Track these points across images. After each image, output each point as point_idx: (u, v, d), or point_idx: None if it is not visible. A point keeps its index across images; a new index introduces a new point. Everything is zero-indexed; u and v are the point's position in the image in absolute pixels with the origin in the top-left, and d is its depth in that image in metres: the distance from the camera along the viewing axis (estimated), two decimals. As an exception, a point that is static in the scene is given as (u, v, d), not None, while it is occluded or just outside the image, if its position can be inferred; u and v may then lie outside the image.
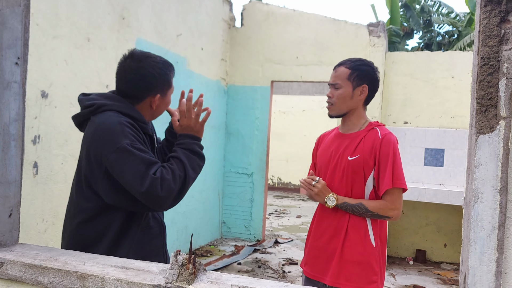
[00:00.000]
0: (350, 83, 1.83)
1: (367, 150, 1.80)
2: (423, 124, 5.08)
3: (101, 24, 3.18)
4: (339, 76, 1.85)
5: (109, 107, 1.49)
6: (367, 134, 1.83)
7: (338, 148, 1.88)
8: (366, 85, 1.85)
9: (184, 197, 1.79)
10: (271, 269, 4.52)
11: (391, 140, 1.80)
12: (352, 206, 1.80)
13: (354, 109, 1.87)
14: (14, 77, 1.37)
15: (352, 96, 1.84)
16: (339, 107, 1.86)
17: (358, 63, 1.85)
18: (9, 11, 1.34)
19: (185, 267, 1.12)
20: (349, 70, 1.84)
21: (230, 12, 5.71)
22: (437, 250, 5.12)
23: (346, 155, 1.84)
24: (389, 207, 1.77)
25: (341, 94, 1.84)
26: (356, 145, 1.83)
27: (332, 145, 1.92)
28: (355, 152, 1.82)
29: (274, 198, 9.78)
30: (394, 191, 1.77)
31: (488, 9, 0.94)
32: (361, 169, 1.80)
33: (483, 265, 0.91)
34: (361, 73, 1.84)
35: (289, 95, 10.99)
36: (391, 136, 1.81)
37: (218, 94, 5.48)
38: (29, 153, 2.55)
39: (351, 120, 1.89)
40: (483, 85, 0.94)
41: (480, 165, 0.93)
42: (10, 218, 1.37)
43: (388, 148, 1.77)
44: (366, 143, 1.81)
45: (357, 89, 1.84)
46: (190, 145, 1.52)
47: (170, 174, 1.40)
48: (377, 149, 1.78)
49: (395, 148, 1.79)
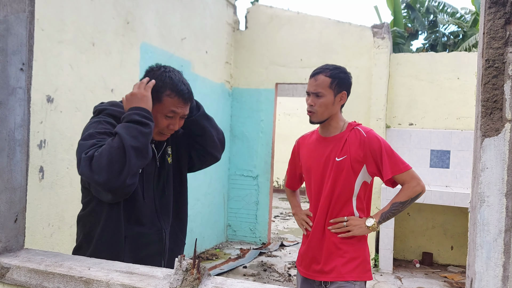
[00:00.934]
0: (331, 91, 1.92)
1: (354, 149, 1.91)
2: (428, 125, 5.05)
3: (106, 28, 3.19)
4: (321, 85, 1.93)
5: (107, 111, 1.55)
6: (350, 134, 1.94)
7: (324, 151, 1.97)
8: (345, 91, 1.96)
9: (189, 200, 1.79)
10: (277, 272, 4.51)
11: (376, 135, 1.93)
12: (389, 211, 1.91)
13: (334, 114, 1.97)
14: (19, 83, 1.38)
15: (333, 103, 1.94)
16: (321, 114, 1.94)
17: (336, 71, 1.94)
18: (14, 18, 1.35)
19: (190, 272, 1.12)
20: (330, 78, 1.92)
21: (234, 15, 5.72)
22: (443, 253, 5.09)
23: (333, 157, 1.93)
24: (413, 186, 1.88)
25: (323, 103, 1.92)
26: (342, 146, 1.93)
27: (317, 149, 2.01)
28: (342, 153, 1.92)
29: (279, 201, 9.77)
30: (406, 173, 1.89)
31: (492, 11, 0.93)
32: (349, 168, 1.90)
33: (489, 269, 0.90)
34: (340, 81, 1.94)
35: (294, 97, 10.97)
36: (374, 132, 1.95)
37: (222, 97, 5.48)
38: (35, 158, 2.56)
39: (331, 125, 1.99)
40: (488, 88, 0.93)
41: (486, 169, 0.92)
42: (16, 223, 1.37)
43: (376, 142, 1.89)
44: (351, 142, 1.92)
45: (337, 96, 1.94)
46: (129, 116, 1.43)
47: (98, 151, 1.34)
48: (367, 147, 1.89)
49: (383, 141, 1.91)
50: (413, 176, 1.90)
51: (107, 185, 1.32)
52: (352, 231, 1.90)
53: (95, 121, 1.50)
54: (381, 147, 1.89)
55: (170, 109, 1.53)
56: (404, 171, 1.89)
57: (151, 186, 1.61)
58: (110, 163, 1.31)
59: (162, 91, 1.53)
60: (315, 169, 2.00)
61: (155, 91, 1.53)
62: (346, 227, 1.91)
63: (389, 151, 1.90)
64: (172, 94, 1.52)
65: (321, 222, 1.97)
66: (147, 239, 1.59)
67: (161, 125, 1.55)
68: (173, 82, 1.53)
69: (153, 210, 1.61)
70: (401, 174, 1.88)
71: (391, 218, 1.94)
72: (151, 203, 1.60)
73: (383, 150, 1.89)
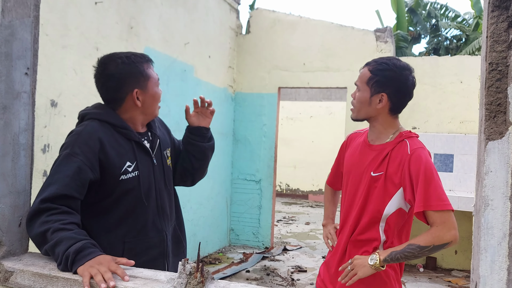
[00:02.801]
0: (368, 88, 1.64)
1: (393, 167, 1.59)
2: (431, 129, 5.04)
3: (109, 33, 3.21)
4: (360, 78, 1.68)
5: (90, 116, 1.53)
6: (395, 148, 1.62)
7: (364, 160, 1.69)
8: (385, 94, 1.62)
9: (192, 204, 1.80)
10: (279, 276, 4.50)
11: (422, 156, 1.56)
12: (402, 252, 1.53)
13: (375, 117, 1.67)
14: (24, 87, 1.39)
15: (369, 103, 1.64)
16: (357, 111, 1.69)
17: (381, 67, 1.62)
18: (19, 23, 1.36)
19: (193, 275, 1.12)
20: (370, 73, 1.64)
21: (237, 20, 5.75)
22: (447, 257, 5.06)
23: (370, 170, 1.65)
24: (441, 233, 1.50)
25: (359, 98, 1.67)
26: (382, 159, 1.63)
27: (360, 154, 1.73)
28: (379, 168, 1.62)
29: (282, 205, 9.75)
30: (439, 214, 1.50)
31: (495, 15, 0.93)
32: (382, 187, 1.60)
33: (494, 273, 0.90)
34: (382, 80, 1.61)
35: (296, 101, 10.99)
36: (421, 152, 1.57)
37: (225, 101, 5.49)
38: (38, 162, 2.57)
39: (376, 128, 1.69)
40: (492, 91, 0.93)
41: (490, 172, 0.92)
42: (20, 227, 1.38)
43: (417, 164, 1.54)
44: (393, 158, 1.61)
45: (375, 97, 1.63)
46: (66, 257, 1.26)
47: (42, 225, 1.31)
48: (406, 168, 1.56)
49: (427, 165, 1.54)
50: (445, 220, 1.49)
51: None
52: (357, 274, 1.56)
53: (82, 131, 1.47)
54: (421, 171, 1.52)
55: (156, 77, 1.59)
56: (436, 209, 1.49)
57: (151, 187, 1.58)
58: (32, 237, 1.35)
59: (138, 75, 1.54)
60: (353, 178, 1.72)
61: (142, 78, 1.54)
62: (352, 270, 1.58)
63: (428, 179, 1.51)
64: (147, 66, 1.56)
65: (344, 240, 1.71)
66: (148, 243, 1.56)
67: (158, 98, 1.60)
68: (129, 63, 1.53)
69: (155, 211, 1.58)
70: (432, 212, 1.50)
71: (402, 261, 1.55)
72: (153, 204, 1.58)
73: (421, 175, 1.51)
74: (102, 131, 1.48)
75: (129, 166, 1.51)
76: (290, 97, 11.06)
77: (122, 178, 1.49)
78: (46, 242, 1.29)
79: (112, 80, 1.52)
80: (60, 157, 1.43)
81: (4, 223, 1.32)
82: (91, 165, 1.42)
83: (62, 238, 1.26)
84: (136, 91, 1.53)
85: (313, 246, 5.99)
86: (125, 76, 1.51)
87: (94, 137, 1.45)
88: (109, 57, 1.55)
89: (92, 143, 1.44)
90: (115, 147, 1.49)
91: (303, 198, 10.77)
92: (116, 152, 1.49)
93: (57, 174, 1.39)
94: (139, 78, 1.54)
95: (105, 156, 1.45)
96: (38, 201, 1.35)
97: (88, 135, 1.45)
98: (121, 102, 1.54)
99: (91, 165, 1.42)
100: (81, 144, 1.43)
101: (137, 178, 1.53)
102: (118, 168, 1.48)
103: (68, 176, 1.38)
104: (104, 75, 1.53)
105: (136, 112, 1.56)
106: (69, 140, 1.46)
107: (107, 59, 1.55)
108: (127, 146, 1.53)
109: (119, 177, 1.49)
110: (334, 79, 5.36)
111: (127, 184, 1.50)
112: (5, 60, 1.31)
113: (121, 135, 1.53)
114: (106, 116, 1.52)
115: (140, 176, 1.54)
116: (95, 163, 1.43)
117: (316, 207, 9.67)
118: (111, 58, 1.54)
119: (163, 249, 1.60)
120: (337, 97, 10.77)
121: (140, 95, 1.54)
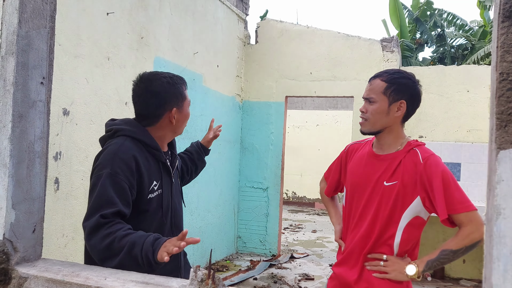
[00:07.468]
0: (386, 98, 1.64)
1: (408, 176, 1.60)
2: (438, 138, 5.03)
3: (120, 43, 3.26)
4: (374, 90, 1.66)
5: (123, 132, 1.53)
6: (406, 156, 1.63)
7: (375, 171, 1.67)
8: (404, 100, 1.64)
9: (200, 211, 1.84)
10: (287, 284, 4.48)
11: (435, 162, 1.58)
12: (437, 259, 1.56)
13: (390, 126, 1.67)
14: (40, 96, 1.41)
15: (388, 113, 1.64)
16: (373, 123, 1.66)
17: (396, 75, 1.65)
18: (35, 33, 1.40)
19: (205, 282, 1.13)
20: (386, 83, 1.64)
21: (245, 30, 5.80)
22: (455, 266, 5.01)
23: (382, 180, 1.64)
24: (469, 232, 1.52)
25: (375, 110, 1.64)
26: (394, 169, 1.63)
27: (367, 166, 1.71)
28: (393, 178, 1.62)
29: (289, 213, 9.73)
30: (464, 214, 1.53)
31: (506, 25, 0.94)
32: (398, 197, 1.60)
33: (506, 282, 0.90)
34: (399, 87, 1.63)
35: (303, 110, 11.01)
36: (434, 158, 1.60)
37: (233, 110, 5.52)
38: (50, 169, 2.60)
39: (386, 140, 1.69)
40: (503, 100, 0.94)
41: (502, 181, 0.92)
42: (34, 233, 1.40)
43: (433, 172, 1.56)
44: (406, 167, 1.61)
45: (393, 105, 1.64)
46: (145, 253, 1.34)
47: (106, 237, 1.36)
48: (422, 176, 1.57)
49: (443, 170, 1.56)
50: (472, 219, 1.52)
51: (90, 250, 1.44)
52: (388, 274, 1.59)
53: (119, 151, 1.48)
54: (438, 178, 1.54)
55: (189, 99, 1.67)
56: (461, 211, 1.52)
57: (169, 204, 1.62)
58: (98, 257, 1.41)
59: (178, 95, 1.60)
60: (360, 190, 1.70)
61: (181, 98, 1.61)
62: (384, 267, 1.60)
63: (446, 184, 1.54)
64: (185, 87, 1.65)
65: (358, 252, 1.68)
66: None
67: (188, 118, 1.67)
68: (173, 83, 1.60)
69: (169, 228, 1.62)
70: (458, 215, 1.53)
71: (438, 267, 1.60)
72: (169, 221, 1.62)
73: (439, 182, 1.54)
74: (136, 151, 1.50)
75: (155, 185, 1.55)
76: (296, 105, 11.08)
77: (150, 197, 1.53)
78: (113, 251, 1.34)
79: (157, 97, 1.55)
80: (102, 176, 1.43)
81: (19, 230, 1.34)
82: (130, 184, 1.45)
83: (133, 242, 1.33)
84: (174, 109, 1.57)
85: (320, 254, 5.96)
86: (169, 95, 1.56)
87: (130, 157, 1.47)
88: (154, 75, 1.59)
89: (130, 163, 1.46)
90: (146, 167, 1.51)
91: (310, 206, 10.73)
92: (147, 171, 1.51)
93: (106, 193, 1.41)
94: (179, 98, 1.59)
95: (139, 176, 1.48)
96: (98, 216, 1.38)
97: (125, 155, 1.47)
98: (158, 119, 1.57)
99: (130, 184, 1.45)
100: (120, 164, 1.45)
101: (160, 196, 1.56)
102: (147, 187, 1.52)
103: (117, 194, 1.42)
104: (148, 91, 1.55)
105: (168, 130, 1.60)
106: (106, 159, 1.47)
107: (153, 76, 1.58)
108: (155, 166, 1.56)
109: (147, 195, 1.52)
110: (341, 88, 5.37)
111: (152, 202, 1.54)
112: (22, 70, 1.34)
113: (151, 155, 1.55)
114: (141, 135, 1.54)
115: (163, 195, 1.58)
116: (133, 182, 1.46)
117: (323, 215, 9.63)
118: (156, 76, 1.58)
119: (177, 263, 1.63)
120: (343, 105, 10.78)
121: (176, 113, 1.58)
